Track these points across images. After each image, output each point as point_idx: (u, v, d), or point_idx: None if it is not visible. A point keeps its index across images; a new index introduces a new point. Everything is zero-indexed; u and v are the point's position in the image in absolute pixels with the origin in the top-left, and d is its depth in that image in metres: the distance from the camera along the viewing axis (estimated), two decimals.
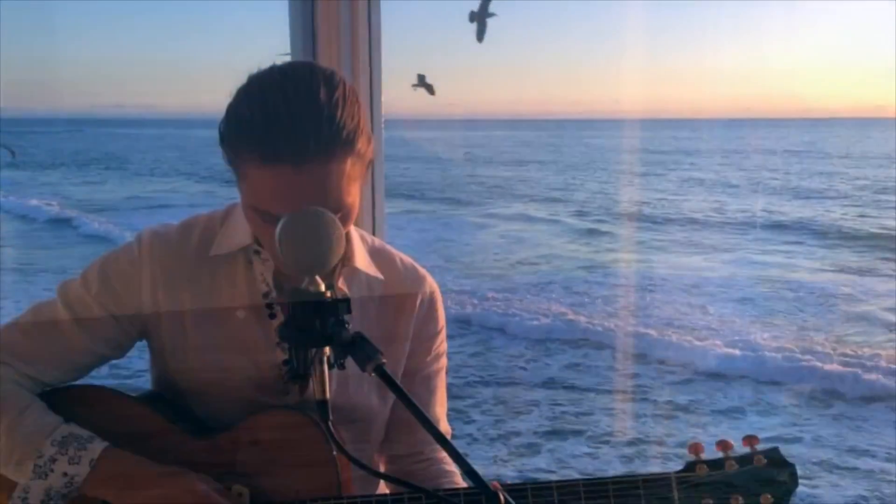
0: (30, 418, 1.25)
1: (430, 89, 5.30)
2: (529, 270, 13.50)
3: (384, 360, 1.04)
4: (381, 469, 1.51)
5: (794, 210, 20.89)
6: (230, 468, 1.28)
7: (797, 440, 6.44)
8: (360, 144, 1.21)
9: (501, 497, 0.94)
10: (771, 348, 8.83)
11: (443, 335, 1.52)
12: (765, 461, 1.24)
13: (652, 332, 9.36)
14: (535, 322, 9.78)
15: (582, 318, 9.97)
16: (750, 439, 1.25)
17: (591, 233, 17.68)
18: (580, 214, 20.45)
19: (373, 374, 1.04)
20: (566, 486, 1.24)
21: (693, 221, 19.34)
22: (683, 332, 9.42)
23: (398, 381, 1.44)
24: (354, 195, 1.24)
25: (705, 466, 1.25)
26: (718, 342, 9.02)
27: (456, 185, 27.22)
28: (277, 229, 1.05)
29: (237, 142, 1.20)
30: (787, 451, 1.29)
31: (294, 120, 1.16)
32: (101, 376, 1.40)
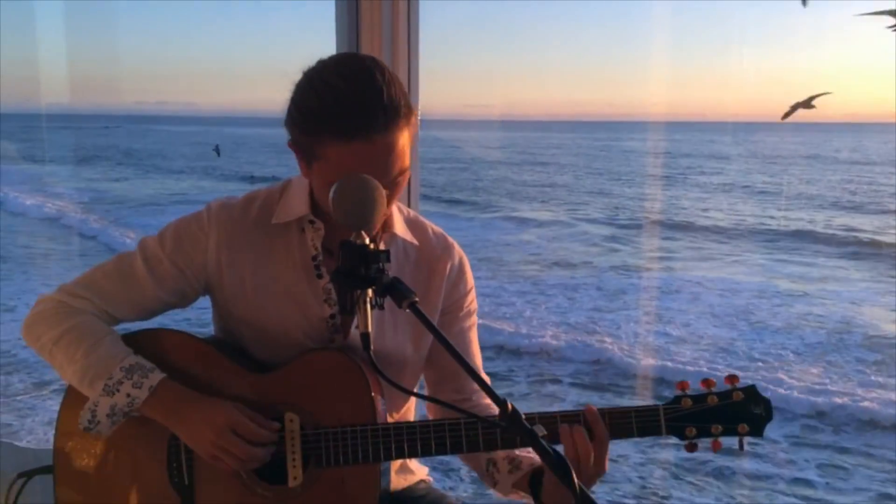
0: (105, 346, 1.49)
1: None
2: (563, 275, 13.28)
3: (417, 299, 1.25)
4: (429, 418, 1.71)
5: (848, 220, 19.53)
6: (283, 399, 1.51)
7: None
8: (413, 114, 1.45)
9: (510, 406, 1.14)
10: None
11: (472, 295, 1.72)
12: (742, 396, 1.43)
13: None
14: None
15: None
16: (731, 378, 1.44)
17: (617, 239, 17.24)
18: (610, 220, 20.10)
19: (407, 311, 1.25)
20: (570, 416, 1.45)
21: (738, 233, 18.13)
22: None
23: (432, 339, 1.66)
24: (408, 159, 1.46)
25: (689, 400, 1.44)
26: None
27: (488, 187, 27.30)
28: (332, 191, 1.27)
29: (313, 128, 1.41)
30: None
31: (360, 100, 1.37)
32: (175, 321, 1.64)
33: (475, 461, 1.65)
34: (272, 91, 1.61)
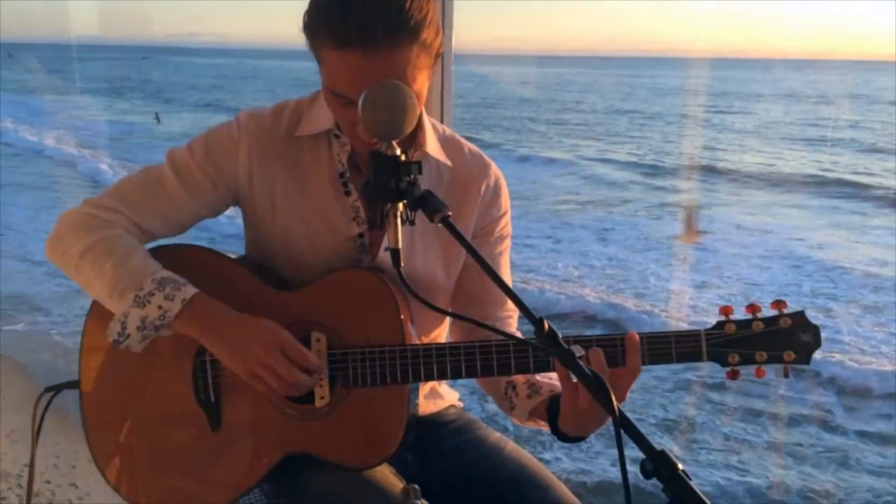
0: (135, 259, 1.43)
1: None
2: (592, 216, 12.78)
3: (450, 213, 1.18)
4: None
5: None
6: (310, 318, 1.46)
7: None
8: (427, 34, 1.33)
9: (546, 325, 1.09)
10: None
11: (506, 219, 1.65)
12: (790, 322, 1.36)
13: None
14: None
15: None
16: (778, 303, 1.37)
17: (653, 182, 16.27)
18: (646, 162, 19.03)
19: (438, 229, 1.19)
20: (606, 340, 1.39)
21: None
22: None
23: (464, 263, 1.61)
24: (421, 83, 1.36)
25: (733, 325, 1.38)
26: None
27: (518, 125, 26.89)
28: (361, 97, 1.19)
29: (314, 27, 1.34)
30: None
31: (365, 7, 1.28)
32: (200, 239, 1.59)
33: (493, 385, 1.61)
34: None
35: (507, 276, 1.67)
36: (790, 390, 5.90)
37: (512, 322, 1.67)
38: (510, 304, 1.65)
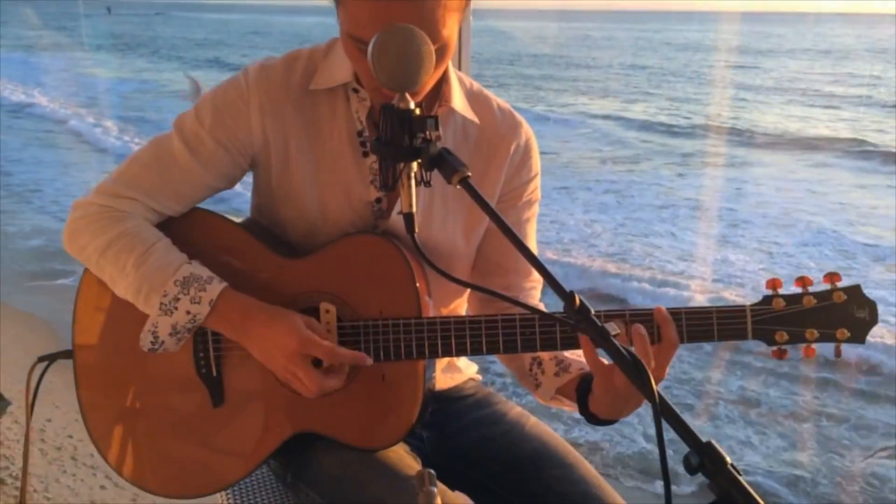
0: (156, 254, 1.32)
1: None
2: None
3: (470, 173, 1.06)
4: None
5: None
6: (318, 287, 1.36)
7: None
8: None
9: (577, 299, 0.97)
10: None
11: (536, 182, 1.53)
12: (844, 297, 1.24)
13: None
14: None
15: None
16: (831, 276, 1.25)
17: (674, 143, 15.15)
18: (668, 121, 17.81)
19: (458, 190, 1.07)
20: (639, 314, 1.28)
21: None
22: None
23: (486, 228, 1.49)
24: (451, 28, 1.24)
25: (782, 300, 1.25)
26: None
27: (538, 81, 26.41)
28: (371, 43, 1.07)
29: None
30: None
31: None
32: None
33: (517, 360, 1.50)
34: None
35: (533, 244, 1.55)
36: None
37: (536, 293, 1.56)
38: (536, 275, 1.54)
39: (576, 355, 1.42)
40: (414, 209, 1.10)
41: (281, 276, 1.37)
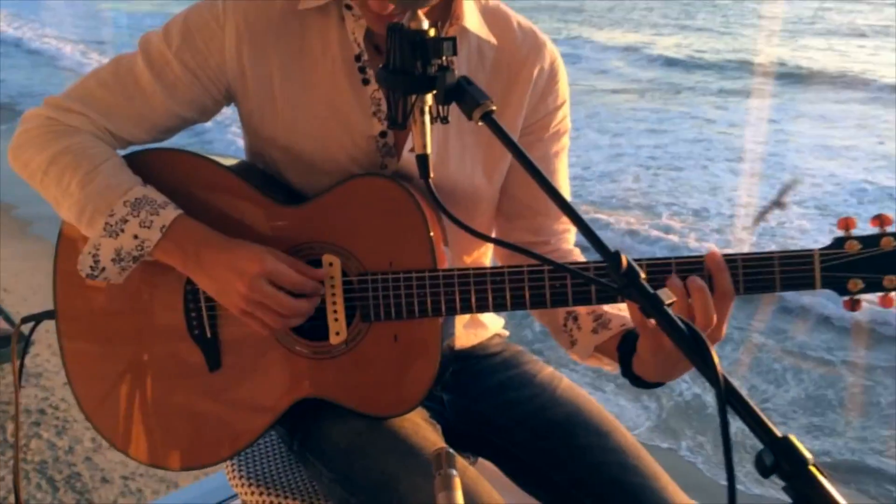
0: (105, 173, 1.17)
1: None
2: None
3: (494, 107, 0.89)
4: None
5: None
6: (319, 237, 1.20)
7: None
8: None
9: (624, 260, 0.80)
10: None
11: (564, 111, 1.35)
12: None
13: None
14: None
15: None
16: None
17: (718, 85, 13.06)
18: (709, 58, 15.83)
19: (479, 124, 0.89)
20: (688, 263, 1.10)
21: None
22: None
23: (511, 165, 1.31)
24: None
25: (856, 243, 1.07)
26: None
27: (569, 4, 25.40)
28: None
29: None
30: None
31: None
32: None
33: (549, 314, 1.34)
34: None
35: (563, 182, 1.38)
36: None
37: (569, 237, 1.39)
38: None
39: (616, 309, 1.26)
40: (429, 150, 0.94)
41: (277, 225, 1.21)
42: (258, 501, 1.33)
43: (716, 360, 0.74)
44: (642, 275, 0.80)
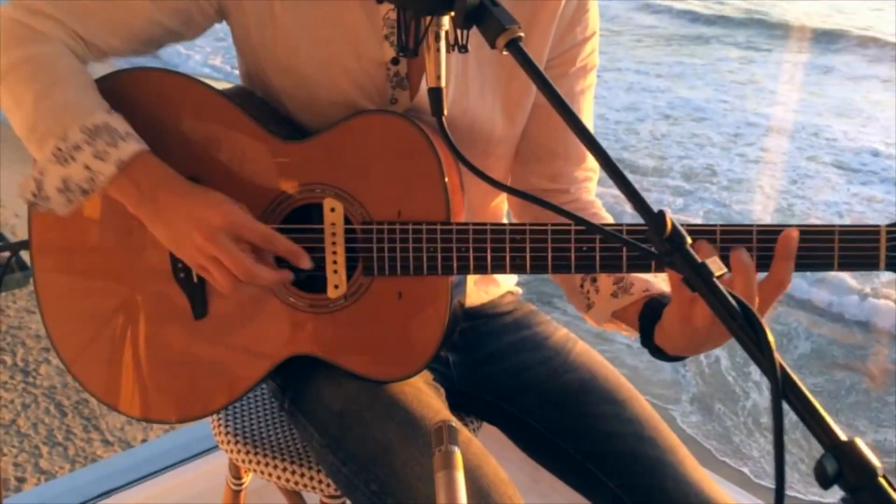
0: (65, 91, 1.03)
1: None
2: None
3: (521, 34, 0.76)
4: (511, 220, 1.28)
5: None
6: (321, 178, 1.08)
7: None
8: None
9: (669, 223, 0.68)
10: None
11: (593, 44, 1.21)
12: None
13: None
14: None
15: None
16: None
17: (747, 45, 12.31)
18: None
19: (505, 52, 0.77)
20: (734, 232, 0.98)
21: None
22: None
23: (533, 103, 1.19)
24: None
25: None
26: None
27: None
28: None
29: None
30: None
31: None
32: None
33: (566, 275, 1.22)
34: None
35: (589, 123, 1.25)
36: None
37: (591, 186, 1.27)
38: (590, 161, 1.24)
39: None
40: (443, 83, 0.82)
41: (274, 163, 1.09)
42: (244, 460, 1.23)
43: (773, 346, 0.63)
44: (688, 240, 0.68)
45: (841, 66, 10.72)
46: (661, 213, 0.67)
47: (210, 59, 9.46)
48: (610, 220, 1.21)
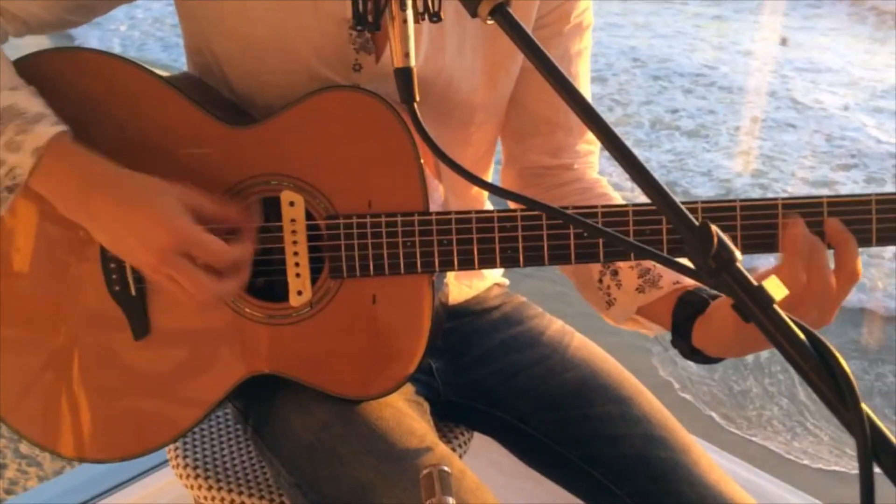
0: None
1: None
2: None
3: None
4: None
5: None
6: (277, 168, 0.92)
7: None
8: None
9: (715, 236, 0.54)
10: None
11: (587, 1, 1.07)
12: None
13: None
14: None
15: None
16: None
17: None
18: None
19: (490, 21, 0.62)
20: (757, 207, 0.85)
21: None
22: None
23: (521, 68, 1.05)
24: None
25: None
26: None
27: None
28: None
29: None
30: None
31: None
32: None
33: (579, 268, 1.08)
34: None
35: (586, 91, 1.11)
36: None
37: (593, 161, 1.13)
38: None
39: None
40: (412, 61, 0.69)
41: (221, 152, 0.93)
42: (206, 497, 1.08)
43: (858, 395, 0.49)
44: (738, 256, 0.54)
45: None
46: (706, 226, 0.53)
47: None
48: (618, 199, 1.08)
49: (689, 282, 0.95)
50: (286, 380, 0.96)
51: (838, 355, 0.50)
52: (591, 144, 1.11)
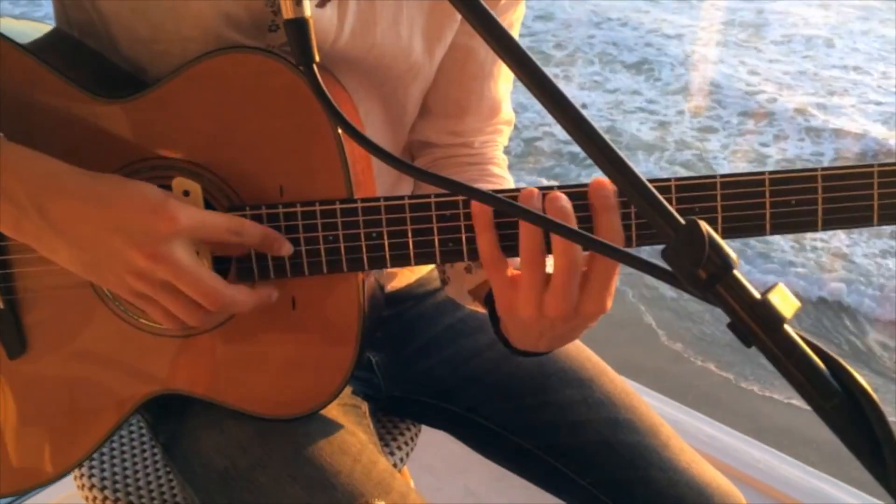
0: None
1: None
2: None
3: None
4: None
5: None
6: (167, 149, 0.76)
7: None
8: None
9: (706, 237, 0.41)
10: None
11: None
12: None
13: None
14: None
15: None
16: None
17: None
18: None
19: None
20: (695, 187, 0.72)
21: None
22: None
23: (453, 35, 0.90)
24: None
25: None
26: None
27: None
28: None
29: None
30: None
31: None
32: None
33: None
34: None
35: (504, 70, 0.97)
36: None
37: (499, 140, 1.00)
38: (506, 114, 0.98)
39: None
40: (307, 10, 0.57)
41: (97, 132, 0.77)
42: None
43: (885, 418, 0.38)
44: (735, 262, 0.41)
45: None
46: (694, 224, 0.40)
47: None
48: (510, 182, 0.95)
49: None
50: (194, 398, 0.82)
51: (870, 391, 0.39)
52: (501, 123, 0.98)
